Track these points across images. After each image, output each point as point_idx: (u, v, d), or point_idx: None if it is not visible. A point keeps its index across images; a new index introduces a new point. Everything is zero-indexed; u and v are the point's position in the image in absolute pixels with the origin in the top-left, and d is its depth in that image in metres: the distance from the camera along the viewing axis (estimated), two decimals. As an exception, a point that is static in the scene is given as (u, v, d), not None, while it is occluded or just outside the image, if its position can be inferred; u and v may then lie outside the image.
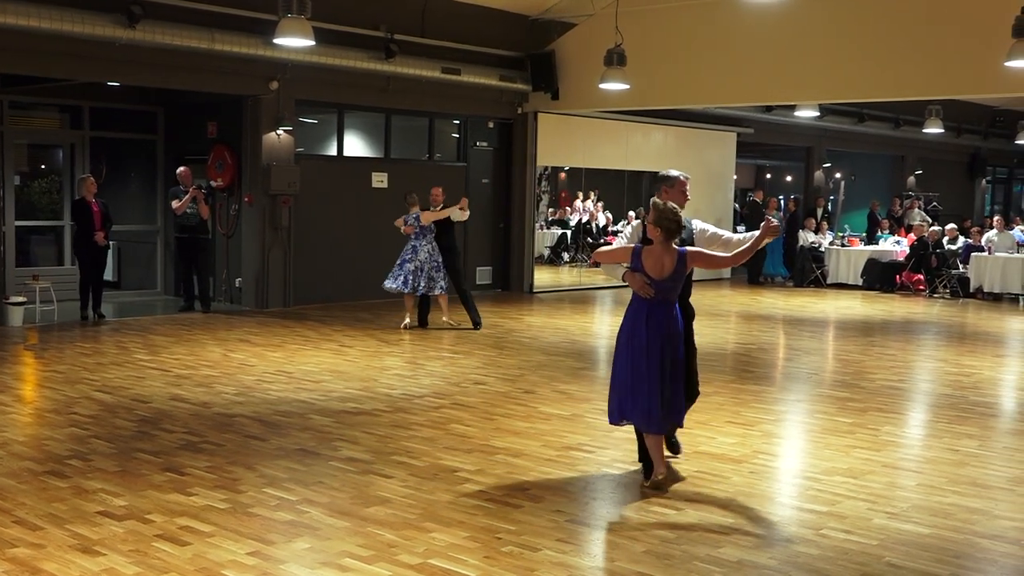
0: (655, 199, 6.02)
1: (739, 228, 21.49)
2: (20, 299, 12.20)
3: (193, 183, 13.51)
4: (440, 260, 12.08)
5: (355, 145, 16.24)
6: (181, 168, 13.59)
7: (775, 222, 5.98)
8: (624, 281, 6.00)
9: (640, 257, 5.89)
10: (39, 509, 5.42)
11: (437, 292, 12.08)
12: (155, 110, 15.39)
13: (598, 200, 22.74)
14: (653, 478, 5.99)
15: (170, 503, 5.56)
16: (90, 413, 7.70)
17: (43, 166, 15.98)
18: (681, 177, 6.41)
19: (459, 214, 12.21)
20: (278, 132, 13.89)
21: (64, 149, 15.24)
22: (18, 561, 4.68)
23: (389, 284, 12.15)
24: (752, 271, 19.80)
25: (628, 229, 6.61)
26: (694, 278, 6.33)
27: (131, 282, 15.57)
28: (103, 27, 11.48)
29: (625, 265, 5.98)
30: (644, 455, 6.16)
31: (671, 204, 5.94)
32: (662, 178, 6.43)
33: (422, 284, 12.00)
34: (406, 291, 12.08)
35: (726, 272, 20.30)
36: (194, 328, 12.15)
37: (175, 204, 13.37)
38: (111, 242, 13.72)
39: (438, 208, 12.16)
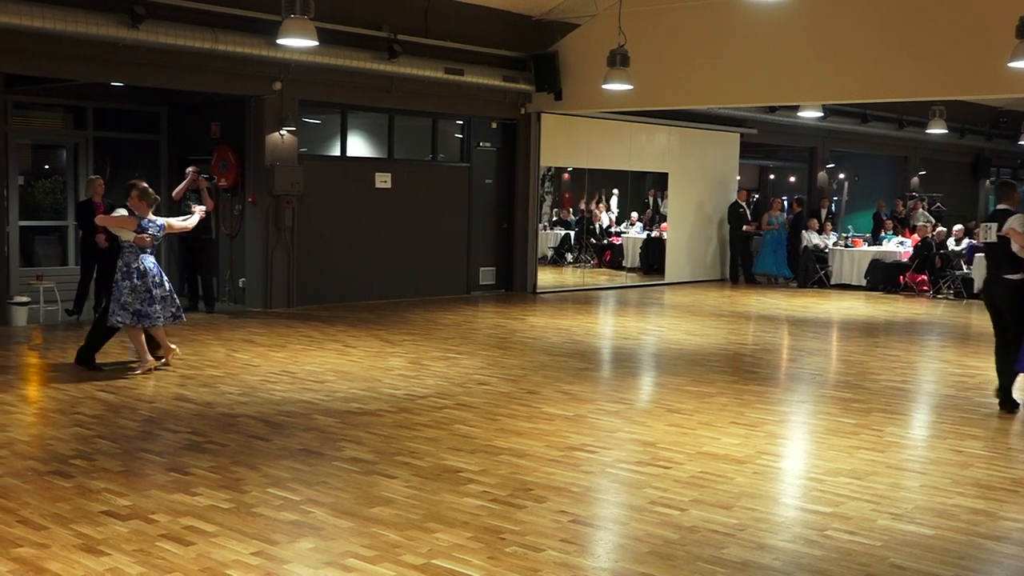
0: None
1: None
2: (24, 299, 12.21)
3: (201, 174, 13.49)
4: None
5: (358, 145, 16.24)
6: (190, 168, 13.55)
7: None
8: None
9: None
10: (43, 509, 5.43)
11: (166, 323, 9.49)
12: (158, 110, 15.39)
13: (607, 200, 22.66)
14: None
15: (174, 503, 5.57)
16: (94, 413, 7.71)
17: (47, 166, 15.99)
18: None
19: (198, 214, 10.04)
20: (281, 132, 13.89)
21: (68, 149, 15.25)
22: (22, 561, 4.69)
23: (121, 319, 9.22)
24: (745, 270, 19.81)
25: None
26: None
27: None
28: (106, 27, 11.48)
29: None
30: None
31: None
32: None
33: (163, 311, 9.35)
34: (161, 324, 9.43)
35: (727, 272, 20.26)
36: (198, 328, 12.16)
37: (175, 191, 13.41)
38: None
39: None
